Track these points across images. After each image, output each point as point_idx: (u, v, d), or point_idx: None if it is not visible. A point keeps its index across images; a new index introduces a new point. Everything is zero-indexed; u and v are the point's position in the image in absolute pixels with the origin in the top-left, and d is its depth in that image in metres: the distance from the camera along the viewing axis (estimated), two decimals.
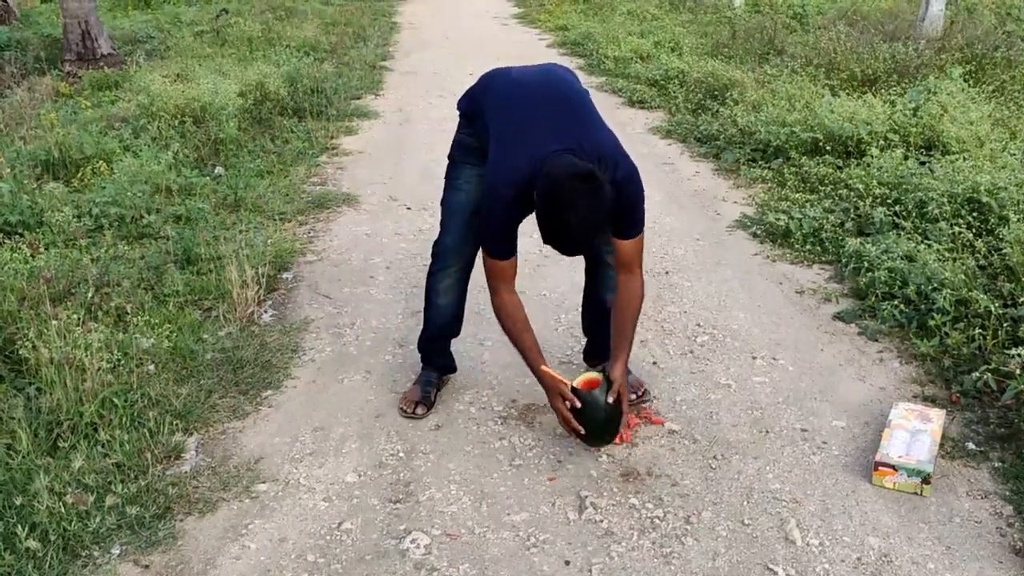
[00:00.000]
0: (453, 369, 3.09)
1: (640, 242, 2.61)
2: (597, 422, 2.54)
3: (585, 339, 3.13)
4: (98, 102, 6.47)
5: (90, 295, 3.29)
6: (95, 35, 8.19)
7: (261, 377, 3.12)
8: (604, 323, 2.92)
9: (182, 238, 4.02)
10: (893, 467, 2.43)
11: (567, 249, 2.44)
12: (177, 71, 7.06)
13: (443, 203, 2.86)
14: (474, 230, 2.72)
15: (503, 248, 2.58)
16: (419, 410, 2.89)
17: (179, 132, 5.52)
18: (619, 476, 2.56)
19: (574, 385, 2.58)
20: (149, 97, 5.89)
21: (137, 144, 5.17)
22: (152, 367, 3.03)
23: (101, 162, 4.77)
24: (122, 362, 2.95)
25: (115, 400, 2.72)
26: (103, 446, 2.59)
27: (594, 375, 2.63)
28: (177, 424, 2.76)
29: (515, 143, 2.49)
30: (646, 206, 2.63)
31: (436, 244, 2.89)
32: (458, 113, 2.85)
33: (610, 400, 2.53)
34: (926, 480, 2.40)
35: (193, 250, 3.91)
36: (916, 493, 2.42)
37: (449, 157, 2.86)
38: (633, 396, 2.87)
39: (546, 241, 2.38)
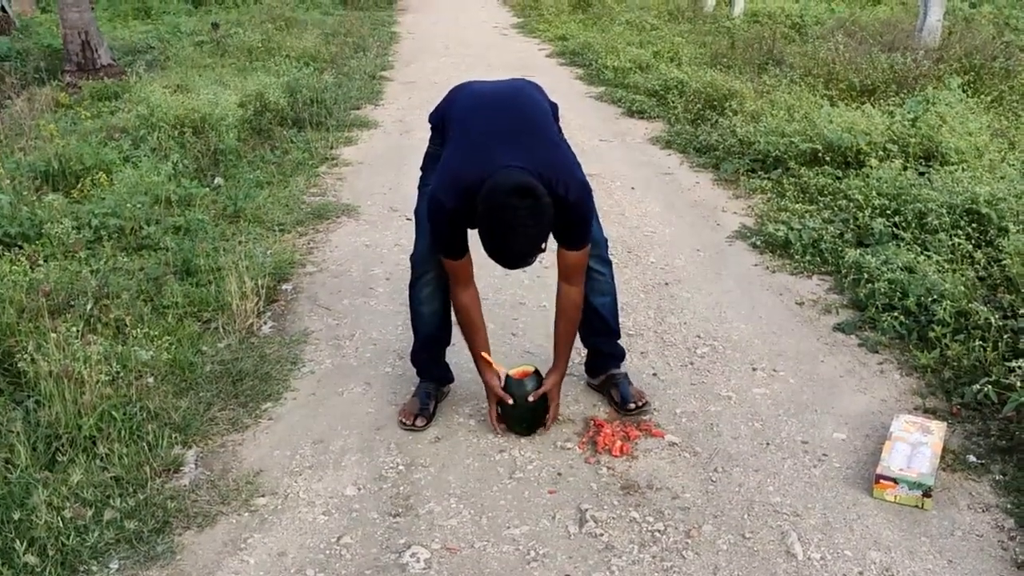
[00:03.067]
0: (449, 380, 3.09)
1: (585, 255, 2.67)
2: (518, 410, 2.79)
3: (584, 352, 3.13)
4: (98, 113, 6.47)
5: (89, 307, 3.29)
6: (95, 46, 8.20)
7: (260, 389, 3.11)
8: (600, 331, 2.99)
9: (181, 249, 4.02)
10: (894, 480, 2.43)
11: (506, 262, 2.48)
12: (177, 81, 7.07)
13: (416, 212, 2.88)
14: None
15: (451, 251, 2.63)
16: (418, 422, 2.88)
17: (179, 143, 5.52)
18: (619, 489, 2.55)
19: (508, 373, 2.81)
20: (149, 108, 5.89)
21: (137, 155, 5.17)
22: (151, 379, 3.02)
23: (101, 173, 4.77)
24: (121, 375, 2.94)
25: (114, 413, 2.72)
26: (102, 460, 2.59)
27: (528, 368, 2.85)
28: (176, 437, 2.75)
29: (467, 153, 2.52)
30: (646, 211, 2.66)
31: (412, 254, 2.93)
32: (430, 126, 2.89)
33: (531, 399, 2.74)
34: (927, 493, 2.39)
35: (192, 261, 3.90)
36: (917, 506, 2.41)
37: (421, 168, 2.91)
38: (633, 406, 2.90)
39: (488, 254, 2.43)
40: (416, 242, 2.89)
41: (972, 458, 2.62)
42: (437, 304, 2.93)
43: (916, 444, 2.55)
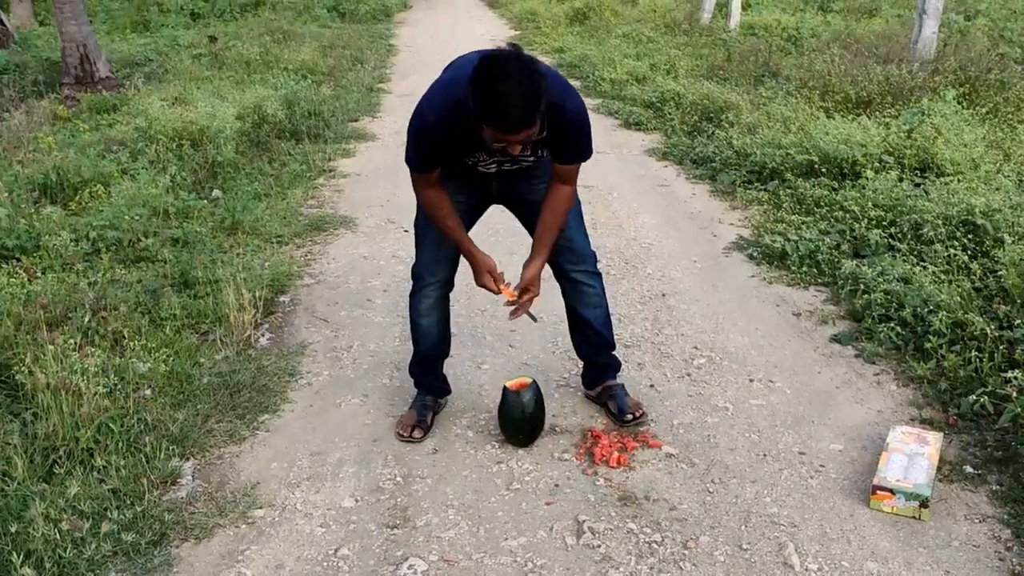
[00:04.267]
0: (447, 391, 3.10)
1: (578, 168, 2.67)
2: (516, 420, 2.79)
3: (581, 364, 3.13)
4: (96, 125, 6.49)
5: (87, 319, 3.29)
6: (93, 59, 8.23)
7: (258, 401, 3.11)
8: (594, 343, 3.00)
9: (179, 261, 4.03)
10: (891, 491, 2.43)
11: (508, 124, 2.25)
12: (175, 94, 7.10)
13: (415, 224, 2.90)
14: (445, 250, 2.81)
15: (424, 166, 2.59)
16: (416, 433, 2.88)
17: (177, 155, 5.53)
18: (617, 500, 2.55)
19: (506, 384, 2.81)
20: (147, 120, 5.91)
21: (135, 167, 5.18)
22: (149, 392, 3.02)
23: (99, 185, 4.78)
24: (119, 387, 2.95)
25: (111, 425, 2.72)
26: (99, 472, 2.58)
27: (525, 379, 2.83)
28: (173, 449, 2.75)
29: (452, 74, 2.51)
30: (643, 223, 2.69)
31: (413, 266, 2.93)
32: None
33: (514, 295, 2.73)
34: (924, 504, 2.40)
35: (190, 273, 3.91)
36: (914, 517, 2.41)
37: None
38: (630, 417, 2.90)
39: (483, 118, 2.27)
40: (417, 255, 2.90)
41: (969, 469, 2.62)
42: (436, 317, 2.93)
43: (913, 455, 2.55)
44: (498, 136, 2.29)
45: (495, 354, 3.47)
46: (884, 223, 4.17)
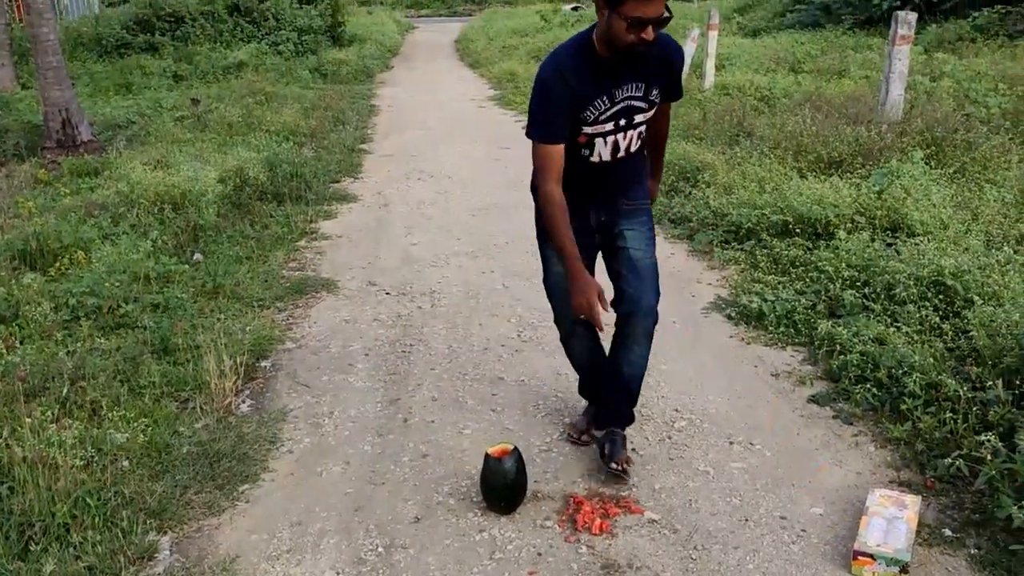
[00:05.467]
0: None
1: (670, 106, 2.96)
2: (498, 488, 2.81)
3: (593, 407, 3.29)
4: (77, 189, 6.52)
5: (65, 390, 3.28)
6: (76, 122, 8.29)
7: (238, 470, 3.09)
8: (620, 394, 3.09)
9: (159, 327, 4.02)
10: (871, 556, 2.44)
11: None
12: (157, 157, 7.15)
13: (546, 283, 3.07)
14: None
15: (550, 130, 2.64)
16: (584, 438, 3.22)
17: (158, 219, 5.56)
18: (600, 569, 2.55)
19: (487, 452, 2.82)
20: (129, 184, 5.95)
21: (116, 232, 5.19)
22: (126, 463, 3.00)
23: (79, 251, 4.79)
24: (96, 458, 2.92)
25: (88, 499, 2.69)
26: (75, 548, 2.55)
27: (507, 445, 2.85)
28: (151, 523, 2.72)
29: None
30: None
31: (556, 321, 3.12)
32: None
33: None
34: (904, 569, 2.41)
35: (170, 340, 3.90)
36: None
37: (538, 236, 3.04)
38: (615, 466, 2.97)
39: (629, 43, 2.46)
40: (554, 308, 3.09)
41: (947, 532, 2.64)
42: (588, 350, 3.14)
43: (892, 519, 2.57)
44: (634, 10, 2.39)
45: (477, 419, 3.47)
46: (858, 283, 4.24)
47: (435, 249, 5.66)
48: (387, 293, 4.89)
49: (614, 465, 2.95)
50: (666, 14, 2.42)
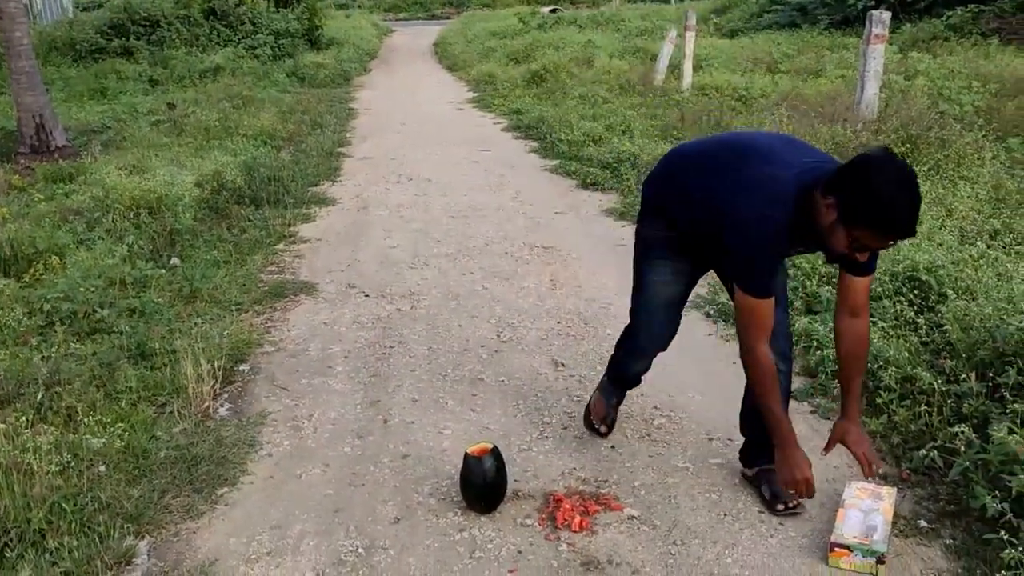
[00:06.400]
0: (637, 384, 3.28)
1: (870, 282, 2.56)
2: (477, 487, 2.81)
3: (613, 391, 3.27)
4: (52, 195, 6.45)
5: (40, 396, 3.24)
6: (50, 128, 8.21)
7: (217, 474, 3.07)
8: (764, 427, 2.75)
9: (136, 332, 3.99)
10: (848, 548, 2.46)
11: (906, 225, 2.17)
12: (133, 162, 7.09)
13: (636, 296, 2.93)
14: (673, 326, 2.94)
15: (769, 283, 2.42)
16: (603, 428, 3.18)
17: (134, 224, 5.51)
18: (580, 566, 2.55)
19: (467, 451, 2.83)
20: (104, 189, 5.90)
21: (91, 237, 5.15)
22: (103, 468, 2.97)
23: (54, 257, 4.74)
24: (72, 464, 2.89)
25: (64, 505, 2.66)
26: (51, 554, 2.53)
27: (487, 445, 2.86)
28: (128, 528, 2.70)
29: (756, 169, 2.39)
30: (602, 283, 2.77)
31: (634, 336, 3.00)
32: (642, 205, 2.90)
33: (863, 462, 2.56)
34: (881, 560, 2.43)
35: (147, 345, 3.87)
36: (871, 574, 2.44)
37: (636, 248, 2.93)
38: (782, 507, 2.75)
39: (870, 224, 2.17)
40: (646, 323, 2.95)
41: (923, 523, 2.67)
42: (646, 367, 3.14)
43: (868, 511, 2.59)
44: (872, 241, 2.22)
45: (457, 419, 3.47)
46: (834, 280, 4.26)
47: (414, 251, 5.65)
48: (366, 295, 4.88)
49: (780, 508, 2.75)
50: (892, 243, 2.25)
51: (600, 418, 3.23)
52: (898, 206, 2.14)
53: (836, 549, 2.48)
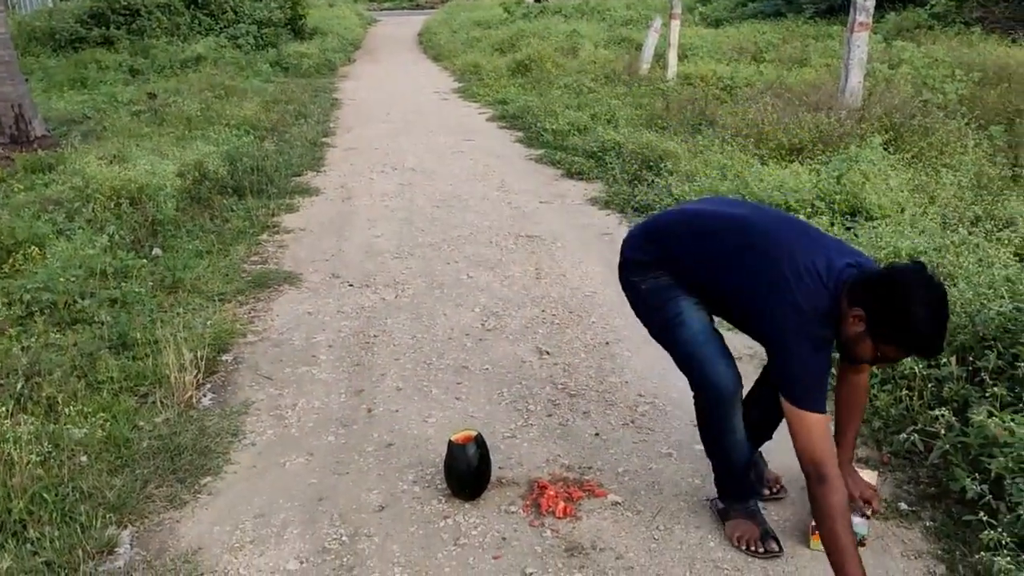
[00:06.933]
0: (761, 493, 2.78)
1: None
2: (462, 474, 2.81)
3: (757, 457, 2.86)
4: (31, 185, 6.38)
5: (20, 386, 3.21)
6: (29, 118, 8.12)
7: (200, 464, 3.05)
8: (768, 420, 2.72)
9: (117, 323, 3.96)
10: None
11: (930, 352, 2.21)
12: (113, 152, 7.02)
13: (680, 342, 2.54)
14: (729, 353, 2.54)
15: (824, 385, 2.24)
16: (774, 546, 2.50)
17: (115, 214, 5.46)
18: (564, 552, 2.56)
19: (451, 439, 2.83)
20: (84, 179, 5.84)
21: (71, 227, 5.10)
22: (84, 458, 2.95)
23: (33, 247, 4.69)
24: (53, 454, 2.88)
25: (45, 495, 2.65)
26: (33, 544, 2.51)
27: (471, 432, 2.86)
28: (110, 517, 2.68)
29: (787, 271, 2.24)
30: (586, 272, 2.66)
31: (712, 387, 2.51)
32: (629, 261, 2.66)
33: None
34: (861, 542, 2.45)
35: (129, 335, 3.85)
36: None
37: (655, 304, 2.58)
38: (767, 492, 2.77)
39: (901, 343, 2.15)
40: (711, 368, 2.50)
41: (903, 506, 2.69)
42: (743, 423, 2.59)
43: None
44: (896, 355, 2.20)
45: (441, 407, 3.46)
46: None
47: (398, 241, 5.63)
48: (350, 285, 4.86)
49: (767, 491, 2.76)
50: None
51: (755, 540, 2.54)
52: (930, 331, 2.09)
53: (818, 532, 2.49)
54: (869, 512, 2.55)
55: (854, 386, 2.54)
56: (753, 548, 2.50)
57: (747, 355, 3.68)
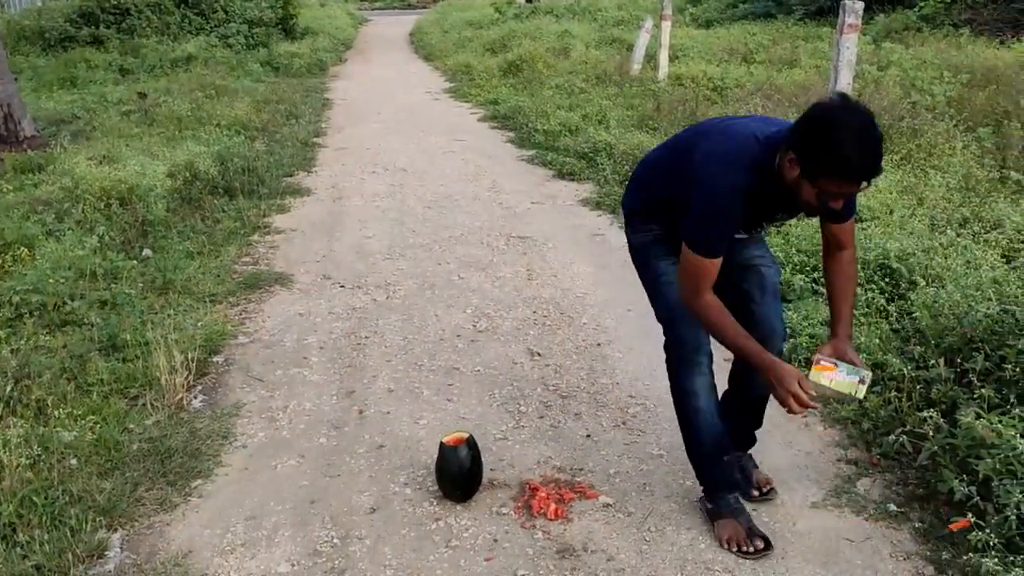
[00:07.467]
0: (740, 486, 2.75)
1: (853, 225, 2.52)
2: (453, 476, 2.81)
3: (740, 453, 2.88)
4: (20, 186, 6.34)
5: (8, 389, 3.20)
6: (18, 118, 8.08)
7: (190, 466, 3.05)
8: (750, 422, 2.84)
9: (107, 324, 3.94)
10: (834, 363, 2.36)
11: (870, 164, 2.12)
12: (103, 152, 6.99)
13: (660, 300, 2.66)
14: None
15: (719, 248, 2.34)
16: (760, 544, 2.52)
17: (105, 215, 5.44)
18: (555, 553, 2.56)
19: (443, 440, 2.82)
20: (73, 180, 5.81)
21: (61, 228, 5.08)
22: (74, 461, 2.94)
23: (23, 248, 4.67)
24: (42, 457, 2.87)
25: (35, 498, 2.64)
26: (22, 547, 2.50)
27: (462, 434, 2.85)
28: (100, 520, 2.68)
29: (720, 136, 2.39)
30: (577, 272, 2.68)
31: (677, 343, 2.61)
32: (625, 214, 2.78)
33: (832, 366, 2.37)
34: (863, 381, 2.32)
35: (119, 336, 3.83)
36: (851, 394, 2.34)
37: (642, 262, 2.73)
38: (756, 493, 2.76)
39: (832, 172, 2.12)
40: (677, 328, 2.61)
41: (892, 507, 2.71)
42: (716, 396, 2.64)
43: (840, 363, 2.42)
44: (838, 188, 2.16)
45: (433, 409, 3.47)
46: (807, 268, 4.31)
47: (390, 241, 5.63)
48: (341, 286, 4.86)
49: (756, 492, 2.76)
50: (864, 185, 2.16)
51: (743, 539, 2.55)
52: (859, 150, 2.09)
53: (822, 362, 2.36)
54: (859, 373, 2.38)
55: (838, 261, 2.51)
56: (744, 549, 2.52)
57: None
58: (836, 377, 2.35)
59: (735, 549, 2.53)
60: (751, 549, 2.51)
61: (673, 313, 2.60)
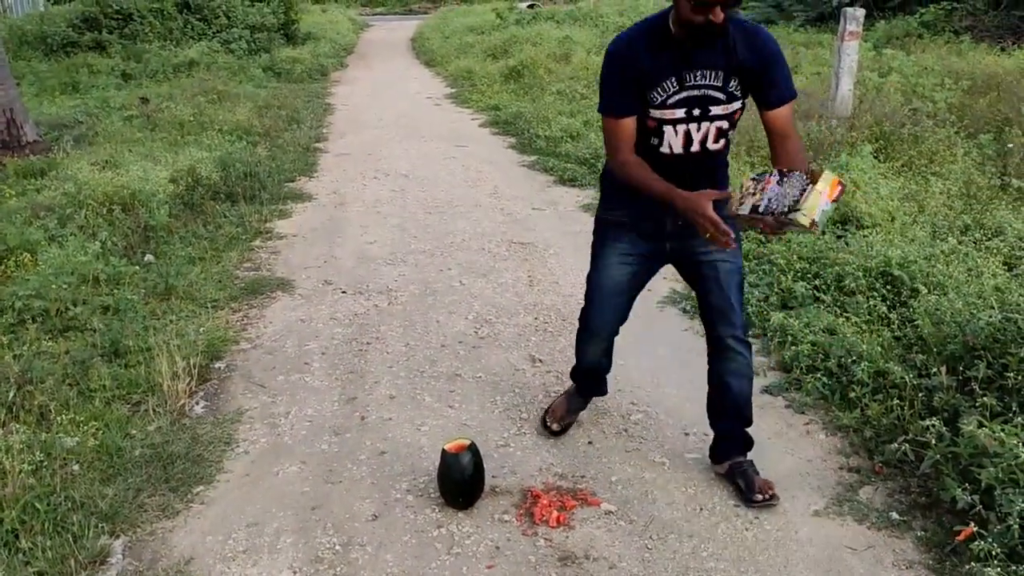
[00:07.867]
0: (603, 392, 3.39)
1: (791, 111, 2.55)
2: (455, 483, 2.81)
3: (712, 433, 3.01)
4: (23, 191, 6.35)
5: (11, 395, 3.20)
6: (20, 123, 8.09)
7: (193, 472, 3.05)
8: (731, 415, 2.89)
9: (110, 330, 3.95)
10: (777, 180, 2.28)
11: None
12: (106, 157, 7.00)
13: (590, 279, 2.99)
14: (620, 311, 2.98)
15: (617, 104, 2.53)
16: (555, 427, 3.24)
17: (107, 220, 5.45)
18: (557, 561, 2.56)
19: (444, 447, 2.83)
20: (76, 185, 5.82)
21: (63, 234, 5.08)
22: (77, 467, 2.95)
23: (25, 254, 4.68)
24: (45, 463, 2.87)
25: (37, 505, 2.65)
26: (24, 554, 2.51)
27: (464, 441, 2.87)
28: (103, 527, 2.68)
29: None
30: (579, 279, 2.83)
31: (586, 319, 3.05)
32: (601, 194, 2.98)
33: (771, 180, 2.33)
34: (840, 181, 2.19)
35: (121, 342, 3.84)
36: (803, 213, 2.15)
37: (595, 233, 2.98)
38: (759, 497, 2.78)
39: None
40: (588, 308, 3.03)
41: (895, 515, 2.71)
42: (602, 351, 3.14)
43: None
44: None
45: (435, 415, 3.47)
46: (809, 275, 4.32)
47: (391, 247, 5.63)
48: (343, 292, 4.86)
49: (758, 498, 2.77)
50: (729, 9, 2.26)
51: (557, 418, 3.27)
52: None
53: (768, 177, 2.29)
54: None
55: (787, 152, 2.52)
56: (548, 423, 3.26)
57: None
58: (774, 192, 2.25)
59: (546, 420, 3.28)
60: (553, 425, 3.24)
61: (592, 296, 2.98)
